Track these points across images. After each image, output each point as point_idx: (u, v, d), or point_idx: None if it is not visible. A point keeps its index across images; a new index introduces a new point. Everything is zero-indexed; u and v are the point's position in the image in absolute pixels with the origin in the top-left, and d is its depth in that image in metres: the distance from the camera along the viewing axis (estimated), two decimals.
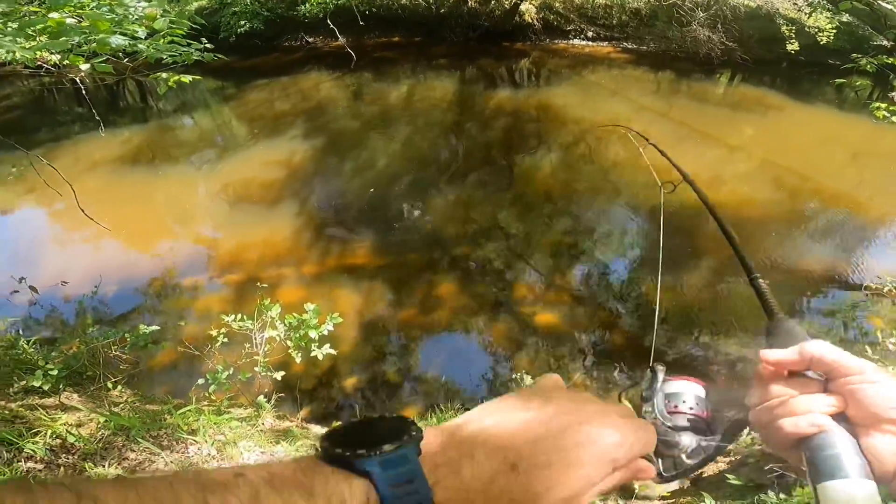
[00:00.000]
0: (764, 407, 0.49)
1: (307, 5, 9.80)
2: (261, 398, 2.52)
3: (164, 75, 2.95)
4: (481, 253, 4.22)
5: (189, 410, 2.33)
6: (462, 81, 8.80)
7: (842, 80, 6.44)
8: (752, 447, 2.35)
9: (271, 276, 3.82)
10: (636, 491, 2.41)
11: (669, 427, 0.55)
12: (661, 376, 0.59)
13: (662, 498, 2.35)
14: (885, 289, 3.50)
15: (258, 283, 2.78)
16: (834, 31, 8.38)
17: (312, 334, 2.42)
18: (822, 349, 0.48)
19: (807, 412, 0.47)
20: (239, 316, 2.56)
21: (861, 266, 3.94)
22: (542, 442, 0.37)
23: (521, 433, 0.38)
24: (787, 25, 8.77)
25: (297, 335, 2.44)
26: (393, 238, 4.44)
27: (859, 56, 5.14)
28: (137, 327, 2.84)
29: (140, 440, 2.14)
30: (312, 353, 2.46)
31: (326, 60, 9.39)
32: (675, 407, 0.57)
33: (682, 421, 0.56)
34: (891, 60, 4.65)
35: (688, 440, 0.55)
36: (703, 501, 1.90)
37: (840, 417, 0.47)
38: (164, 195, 5.25)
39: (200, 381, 2.42)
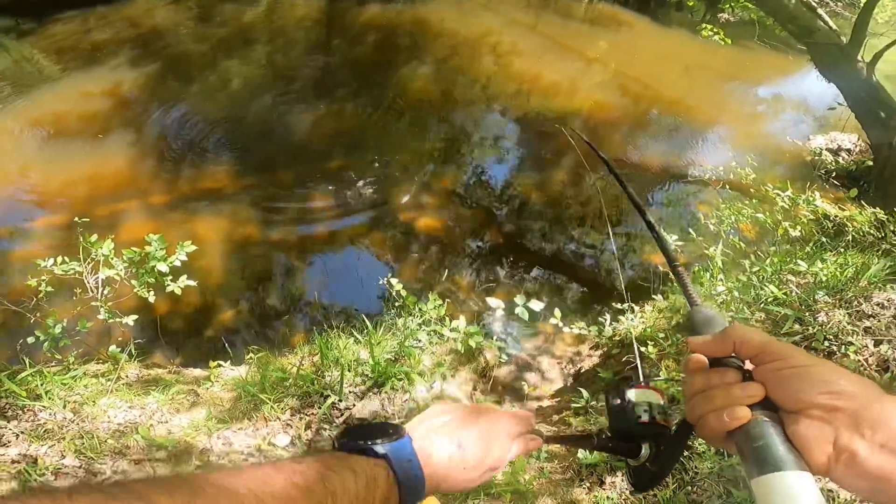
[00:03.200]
0: (691, 403, 0.49)
1: None
2: (113, 348, 2.23)
3: None
4: (355, 164, 4.08)
5: (28, 375, 2.00)
6: None
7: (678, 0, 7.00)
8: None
9: (108, 211, 3.32)
10: (527, 394, 2.66)
11: (633, 435, 0.56)
12: (626, 388, 0.58)
13: (551, 396, 2.64)
14: (707, 177, 4.11)
15: (88, 222, 2.36)
16: None
17: (162, 267, 2.15)
18: (746, 334, 0.47)
19: (728, 405, 0.45)
20: (60, 259, 2.17)
21: (690, 161, 4.56)
22: (471, 428, 0.57)
23: (456, 424, 0.56)
24: None
25: (143, 271, 2.15)
26: (257, 157, 4.09)
27: None
28: None
29: None
30: (168, 288, 2.21)
31: None
32: (636, 415, 0.56)
33: (641, 431, 0.56)
34: None
35: (645, 450, 0.56)
36: (581, 396, 2.15)
37: (767, 404, 0.45)
38: None
39: (30, 339, 2.07)
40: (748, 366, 0.48)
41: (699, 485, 1.69)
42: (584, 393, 2.18)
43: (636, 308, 2.70)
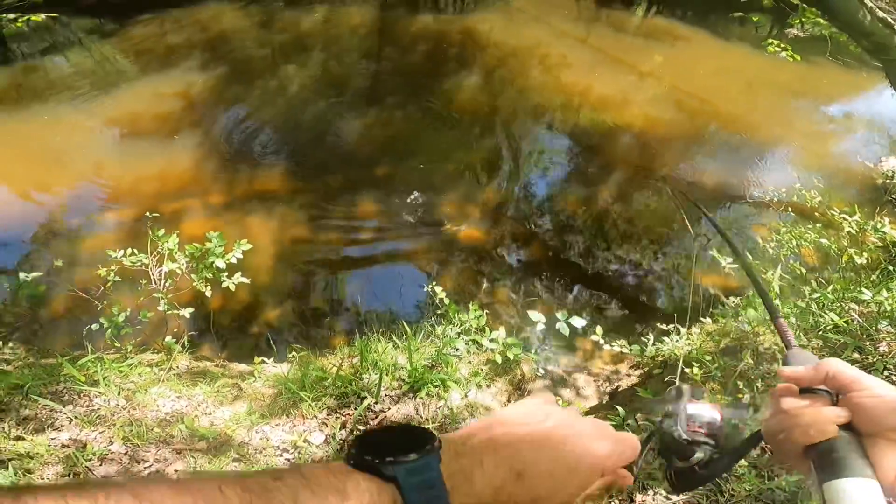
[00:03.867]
0: (776, 419, 0.54)
1: None
2: (169, 339, 2.36)
3: (10, 16, 2.44)
4: (402, 172, 4.14)
5: (89, 361, 2.15)
6: (381, 7, 8.19)
7: (740, 14, 6.73)
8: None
9: (173, 208, 3.51)
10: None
11: (686, 441, 0.59)
12: (686, 396, 0.62)
13: (585, 413, 2.57)
14: (767, 198, 3.90)
15: (156, 217, 2.52)
16: None
17: (219, 263, 2.26)
18: (839, 366, 0.52)
19: (816, 422, 0.50)
20: (129, 251, 2.32)
21: (751, 180, 4.33)
22: (545, 452, 0.42)
23: (525, 444, 0.42)
24: None
25: (202, 266, 2.27)
26: (309, 162, 4.23)
27: None
28: (17, 277, 2.52)
29: (37, 398, 1.96)
30: (224, 285, 2.31)
31: None
32: (695, 426, 0.59)
33: (699, 438, 0.59)
34: None
35: (700, 454, 0.58)
36: (617, 413, 2.09)
37: (848, 428, 0.50)
38: (38, 136, 4.53)
39: (94, 326, 2.21)
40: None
41: None
42: (621, 410, 2.11)
43: (682, 329, 2.60)
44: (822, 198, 3.27)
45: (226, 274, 2.32)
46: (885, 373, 1.94)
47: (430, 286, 2.64)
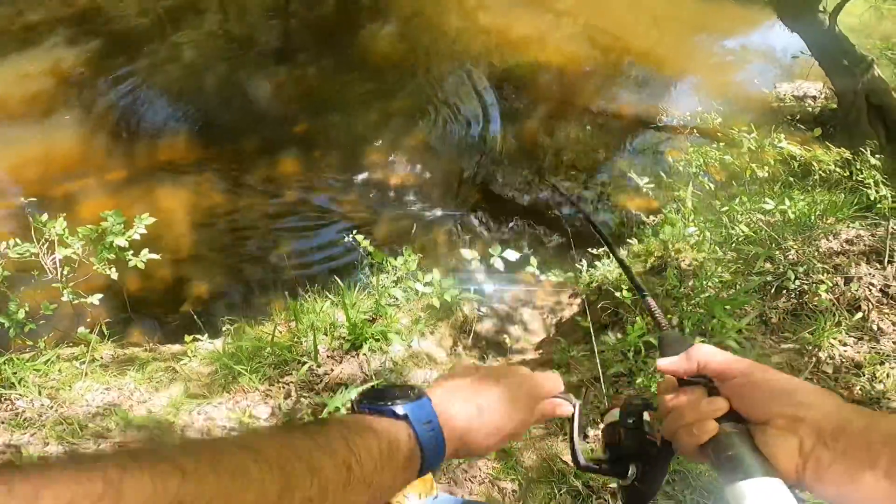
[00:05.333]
0: (665, 422, 0.52)
1: None
2: (82, 330, 2.17)
3: None
4: (322, 127, 3.98)
5: None
6: None
7: None
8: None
9: (65, 191, 3.19)
10: (509, 347, 2.68)
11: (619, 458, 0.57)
12: (645, 416, 0.58)
13: (535, 349, 2.66)
14: (675, 124, 4.16)
15: (39, 203, 2.26)
16: None
17: (120, 242, 2.07)
18: (708, 353, 0.51)
19: (697, 420, 0.48)
20: (13, 242, 2.07)
21: (661, 109, 4.58)
22: (492, 390, 0.53)
23: (476, 386, 0.53)
24: None
25: (101, 247, 2.07)
26: (218, 127, 3.94)
27: None
28: None
29: None
30: (131, 264, 2.13)
31: None
32: (651, 439, 0.56)
33: (652, 451, 0.56)
34: None
35: (633, 470, 0.56)
36: (560, 344, 2.18)
37: (735, 417, 0.47)
38: None
39: None
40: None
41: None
42: (562, 341, 2.22)
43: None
44: (722, 120, 3.50)
45: (131, 252, 2.13)
46: (797, 282, 2.12)
47: (353, 235, 2.56)
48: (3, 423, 1.76)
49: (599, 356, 2.06)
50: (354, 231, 3.11)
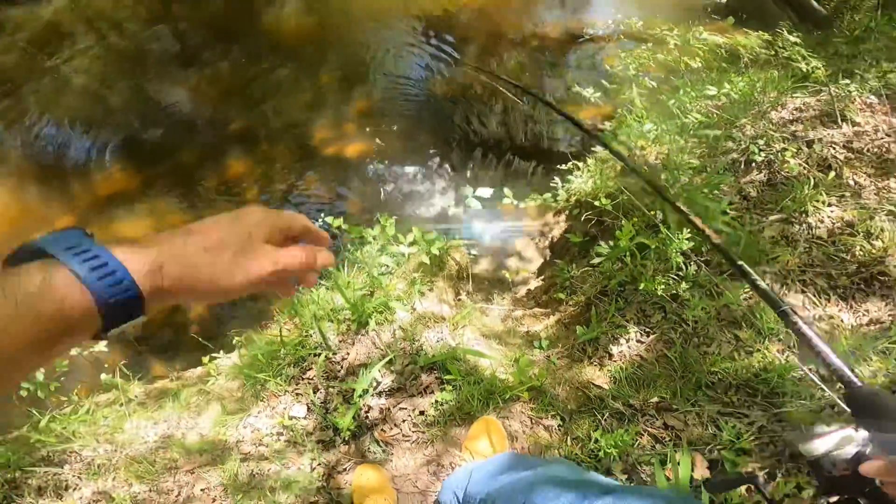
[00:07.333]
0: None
1: None
2: (105, 377, 2.12)
3: None
4: (259, 120, 3.83)
5: (44, 424, 1.89)
6: None
7: None
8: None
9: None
10: (511, 280, 2.70)
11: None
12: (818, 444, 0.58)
13: (536, 276, 2.69)
14: (602, 34, 4.29)
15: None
16: None
17: None
18: None
19: None
20: None
21: (584, 23, 4.67)
22: (220, 232, 0.47)
23: (210, 232, 0.47)
24: None
25: None
26: (147, 145, 3.73)
27: None
28: None
29: (32, 468, 1.76)
30: None
31: None
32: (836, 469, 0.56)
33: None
34: None
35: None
36: (558, 265, 2.21)
37: None
38: None
39: (22, 393, 1.93)
40: None
41: (703, 334, 1.74)
42: (560, 263, 2.27)
43: (580, 165, 2.80)
44: (643, 23, 3.64)
45: None
46: (762, 154, 2.20)
47: (322, 219, 2.49)
48: (80, 475, 1.76)
49: (598, 269, 2.15)
50: (322, 214, 3.08)
